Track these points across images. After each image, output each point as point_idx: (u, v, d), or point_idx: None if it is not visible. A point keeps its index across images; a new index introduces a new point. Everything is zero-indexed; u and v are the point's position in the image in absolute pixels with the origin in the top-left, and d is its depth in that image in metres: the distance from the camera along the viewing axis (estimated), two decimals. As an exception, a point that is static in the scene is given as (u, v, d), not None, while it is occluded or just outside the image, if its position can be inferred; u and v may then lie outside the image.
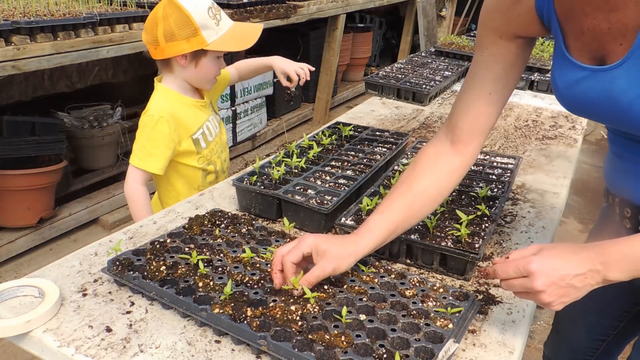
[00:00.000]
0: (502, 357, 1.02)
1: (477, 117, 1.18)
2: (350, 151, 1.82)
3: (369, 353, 0.94)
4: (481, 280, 1.26)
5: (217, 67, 1.83)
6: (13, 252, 3.14)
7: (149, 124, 1.73)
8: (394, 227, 1.16)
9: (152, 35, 1.71)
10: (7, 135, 3.11)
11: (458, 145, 1.19)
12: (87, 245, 1.35)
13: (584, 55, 1.02)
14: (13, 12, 2.74)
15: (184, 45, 1.69)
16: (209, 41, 1.70)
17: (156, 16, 1.69)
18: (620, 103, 0.97)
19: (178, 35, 1.67)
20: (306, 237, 1.11)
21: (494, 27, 1.12)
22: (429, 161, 1.21)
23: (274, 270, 1.09)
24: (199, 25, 1.67)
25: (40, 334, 1.03)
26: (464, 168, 1.22)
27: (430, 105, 2.64)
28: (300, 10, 4.56)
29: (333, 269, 1.09)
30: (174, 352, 0.99)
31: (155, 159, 1.73)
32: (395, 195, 1.19)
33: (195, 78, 1.82)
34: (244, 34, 1.82)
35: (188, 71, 1.78)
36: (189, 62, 1.75)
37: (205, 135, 1.88)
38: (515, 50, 1.13)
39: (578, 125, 2.41)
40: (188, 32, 1.67)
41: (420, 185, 1.18)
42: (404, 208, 1.17)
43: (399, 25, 7.43)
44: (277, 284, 1.08)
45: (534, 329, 2.73)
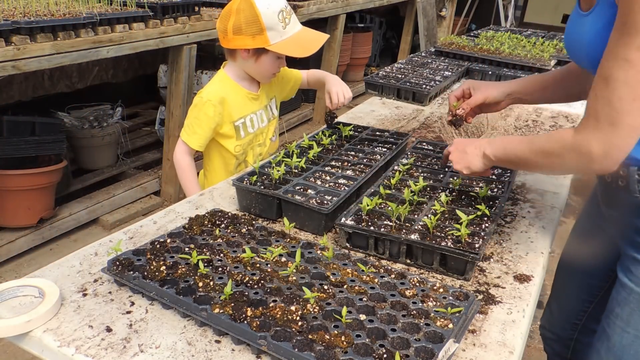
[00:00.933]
0: (502, 357, 1.02)
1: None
2: (350, 151, 1.82)
3: (369, 353, 0.94)
4: (481, 280, 1.26)
5: (276, 65, 1.95)
6: (13, 252, 3.13)
7: (198, 105, 1.91)
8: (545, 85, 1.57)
9: (223, 25, 1.85)
10: (7, 135, 3.10)
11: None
12: (87, 245, 1.35)
13: (585, 5, 1.24)
14: (13, 12, 2.74)
15: (248, 40, 1.82)
16: (272, 42, 1.82)
17: (231, 8, 1.82)
18: (582, 42, 1.22)
19: (245, 31, 1.80)
20: (467, 81, 1.66)
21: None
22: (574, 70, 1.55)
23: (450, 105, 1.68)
24: (266, 25, 1.79)
25: (40, 334, 1.03)
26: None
27: (430, 105, 2.64)
28: (300, 10, 4.56)
29: (484, 97, 1.61)
30: (174, 352, 0.99)
31: (197, 137, 1.93)
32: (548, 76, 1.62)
33: (254, 71, 1.96)
34: (307, 41, 1.92)
35: (248, 64, 1.92)
36: (250, 56, 1.89)
37: (246, 126, 2.00)
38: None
39: (578, 125, 2.41)
40: (254, 29, 1.79)
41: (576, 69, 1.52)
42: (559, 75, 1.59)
43: (399, 25, 7.43)
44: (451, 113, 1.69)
45: (534, 329, 2.73)
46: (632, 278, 1.28)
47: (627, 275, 1.29)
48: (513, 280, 1.26)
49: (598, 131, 1.09)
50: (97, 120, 3.95)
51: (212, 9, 4.10)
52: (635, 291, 1.27)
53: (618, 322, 1.31)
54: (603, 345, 1.36)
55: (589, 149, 1.11)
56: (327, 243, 1.30)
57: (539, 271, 1.31)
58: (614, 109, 1.06)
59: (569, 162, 1.18)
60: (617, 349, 1.32)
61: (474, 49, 3.29)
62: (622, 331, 1.30)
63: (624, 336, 1.30)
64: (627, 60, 1.02)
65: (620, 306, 1.31)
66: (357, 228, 1.32)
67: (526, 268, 1.31)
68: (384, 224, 1.34)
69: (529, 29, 4.32)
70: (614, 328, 1.32)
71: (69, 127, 3.77)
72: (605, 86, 1.07)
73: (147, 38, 3.21)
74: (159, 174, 4.01)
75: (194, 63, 3.63)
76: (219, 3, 4.19)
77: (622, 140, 1.08)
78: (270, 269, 1.17)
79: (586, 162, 1.13)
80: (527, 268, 1.31)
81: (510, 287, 1.24)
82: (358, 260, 1.22)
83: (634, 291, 1.27)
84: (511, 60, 3.05)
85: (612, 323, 1.33)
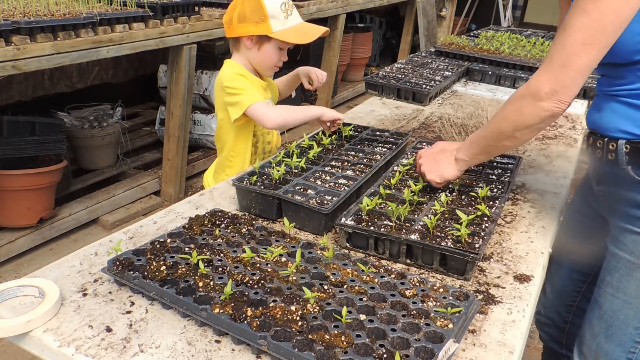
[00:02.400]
0: (502, 357, 1.02)
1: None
2: (350, 151, 1.82)
3: (369, 353, 0.94)
4: (481, 280, 1.26)
5: (277, 56, 1.99)
6: (13, 252, 3.14)
7: (234, 77, 1.92)
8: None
9: (229, 15, 1.94)
10: (7, 135, 3.10)
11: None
12: (87, 245, 1.35)
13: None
14: (13, 12, 2.74)
15: (252, 28, 1.90)
16: (274, 30, 1.89)
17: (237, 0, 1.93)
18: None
19: (249, 19, 1.88)
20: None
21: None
22: None
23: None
24: (268, 13, 1.87)
25: (40, 334, 1.03)
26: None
27: (430, 105, 2.64)
28: (300, 10, 4.56)
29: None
30: (174, 352, 0.99)
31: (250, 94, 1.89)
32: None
33: (257, 61, 2.00)
34: (307, 31, 1.99)
35: (252, 53, 1.97)
36: (254, 45, 1.95)
37: None
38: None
39: (578, 125, 2.41)
40: (258, 17, 1.88)
41: None
42: None
43: (399, 25, 7.43)
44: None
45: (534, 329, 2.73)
46: (621, 246, 1.33)
47: (616, 245, 1.35)
48: (513, 280, 1.26)
49: (549, 72, 1.22)
50: (97, 120, 3.95)
51: (212, 9, 4.10)
52: (624, 258, 1.32)
53: (608, 289, 1.36)
54: (595, 314, 1.41)
55: (538, 88, 1.24)
56: (327, 243, 1.30)
57: (539, 271, 1.31)
58: (565, 52, 1.19)
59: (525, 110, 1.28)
60: (607, 316, 1.37)
61: (474, 49, 3.29)
62: (612, 297, 1.35)
63: (614, 302, 1.35)
64: (584, 10, 1.15)
65: (611, 274, 1.36)
66: (357, 228, 1.32)
67: (526, 268, 1.31)
68: (384, 224, 1.34)
69: (529, 29, 4.32)
70: (604, 295, 1.37)
71: (69, 127, 3.77)
72: (563, 32, 1.20)
73: (147, 38, 3.21)
74: (159, 174, 4.01)
75: (194, 63, 3.63)
76: (218, 3, 4.19)
77: (570, 81, 1.20)
78: (270, 269, 1.17)
79: (537, 103, 1.24)
80: (527, 268, 1.31)
81: (510, 287, 1.24)
82: (358, 260, 1.22)
83: (623, 258, 1.33)
84: (511, 60, 3.05)
85: (602, 292, 1.38)
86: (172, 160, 3.85)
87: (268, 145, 2.16)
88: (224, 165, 2.08)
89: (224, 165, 2.08)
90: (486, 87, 2.95)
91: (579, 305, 1.71)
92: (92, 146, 3.91)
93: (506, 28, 5.05)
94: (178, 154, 3.80)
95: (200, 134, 4.34)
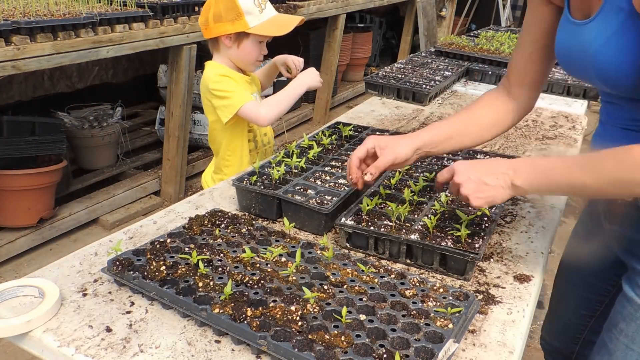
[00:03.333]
0: (502, 357, 1.02)
1: (524, 74, 1.37)
2: (350, 151, 1.81)
3: (369, 353, 0.94)
4: (481, 280, 1.26)
5: (257, 51, 2.01)
6: (13, 252, 3.13)
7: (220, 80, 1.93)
8: (448, 135, 1.38)
9: (204, 17, 1.95)
10: (7, 135, 3.10)
11: (513, 94, 1.40)
12: (87, 245, 1.35)
13: (579, 13, 1.16)
14: (13, 12, 2.74)
15: (229, 26, 1.91)
16: (251, 25, 1.91)
17: (210, 0, 1.94)
18: (588, 52, 1.10)
19: (224, 17, 1.90)
20: (370, 138, 1.36)
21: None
22: (488, 100, 1.43)
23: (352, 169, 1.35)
24: (243, 10, 1.89)
25: (40, 334, 1.03)
26: (518, 112, 1.42)
27: (430, 105, 2.64)
28: (300, 10, 4.56)
29: (394, 157, 1.32)
30: (174, 352, 0.99)
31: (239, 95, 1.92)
32: (455, 115, 1.43)
33: (238, 58, 2.02)
34: (282, 22, 2.01)
35: (232, 51, 1.99)
36: (233, 43, 1.97)
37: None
38: (549, 17, 1.27)
39: (578, 125, 2.41)
40: (233, 15, 1.90)
41: (478, 112, 1.41)
42: (461, 124, 1.40)
43: (399, 25, 7.43)
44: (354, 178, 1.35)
45: (534, 329, 2.73)
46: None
47: (634, 291, 1.21)
48: (513, 280, 1.26)
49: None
50: (97, 120, 3.95)
51: (212, 9, 4.09)
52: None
53: (622, 338, 1.23)
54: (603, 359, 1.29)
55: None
56: (327, 243, 1.30)
57: (539, 271, 1.31)
58: None
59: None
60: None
61: (474, 49, 3.29)
62: (627, 348, 1.22)
63: (628, 353, 1.22)
64: None
65: (626, 322, 1.22)
66: (357, 228, 1.32)
67: (526, 268, 1.31)
68: (384, 224, 1.34)
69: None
70: (617, 344, 1.24)
71: (69, 127, 3.77)
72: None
73: (147, 38, 3.21)
74: (159, 174, 4.01)
75: (194, 63, 3.63)
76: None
77: None
78: (270, 269, 1.17)
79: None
80: (527, 268, 1.31)
81: (510, 287, 1.24)
82: (358, 260, 1.22)
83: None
84: (511, 60, 3.04)
85: (614, 338, 1.25)
86: (172, 160, 3.85)
87: (265, 137, 2.18)
88: (222, 165, 2.09)
89: (222, 165, 2.09)
90: (486, 87, 2.95)
91: (587, 337, 1.59)
92: (92, 146, 3.91)
93: (506, 28, 5.06)
94: (178, 154, 3.81)
95: (200, 134, 4.34)
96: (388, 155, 1.32)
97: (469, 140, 1.41)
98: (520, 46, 1.37)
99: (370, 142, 1.35)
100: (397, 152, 1.32)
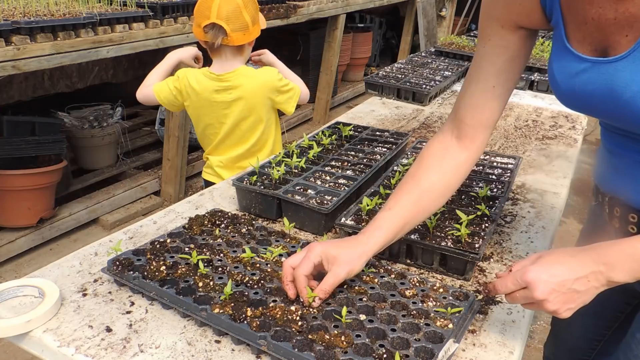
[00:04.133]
0: (502, 357, 1.02)
1: (482, 111, 1.16)
2: (350, 151, 1.82)
3: (369, 353, 0.94)
4: (481, 280, 1.26)
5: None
6: (13, 252, 3.14)
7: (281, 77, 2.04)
8: (402, 223, 1.14)
9: (240, 22, 1.91)
10: (7, 135, 3.11)
11: (464, 140, 1.18)
12: (87, 245, 1.35)
13: (585, 46, 0.99)
14: (13, 12, 2.74)
15: (258, 27, 1.96)
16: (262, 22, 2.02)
17: (238, 4, 1.89)
18: (621, 97, 0.94)
19: (256, 18, 1.94)
20: (314, 247, 1.08)
21: (497, 17, 1.09)
22: (435, 156, 1.19)
23: (286, 282, 1.07)
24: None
25: (40, 334, 1.03)
26: (470, 163, 1.21)
27: (430, 105, 2.64)
28: (300, 10, 4.56)
29: (347, 273, 1.07)
30: (174, 352, 0.99)
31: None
32: (403, 192, 1.17)
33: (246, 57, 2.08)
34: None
35: (248, 50, 2.04)
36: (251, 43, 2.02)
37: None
38: (517, 42, 1.10)
39: (578, 125, 2.41)
40: (258, 15, 1.96)
41: (427, 181, 1.17)
42: (413, 204, 1.15)
43: (399, 25, 7.43)
44: (291, 295, 1.06)
45: (534, 329, 2.73)
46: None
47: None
48: (513, 280, 1.26)
49: None
50: (97, 120, 3.95)
51: (212, 9, 4.09)
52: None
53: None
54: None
55: None
56: (327, 243, 1.30)
57: (539, 271, 1.31)
58: None
59: None
60: None
61: (474, 49, 3.29)
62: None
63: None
64: None
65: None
66: (357, 228, 1.32)
67: (526, 268, 1.31)
68: (384, 224, 1.34)
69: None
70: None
71: (69, 127, 3.77)
72: None
73: (147, 38, 3.21)
74: (159, 174, 4.01)
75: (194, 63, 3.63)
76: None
77: None
78: (270, 269, 1.17)
79: None
80: (527, 268, 1.31)
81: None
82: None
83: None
84: (511, 60, 3.04)
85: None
86: (172, 160, 3.84)
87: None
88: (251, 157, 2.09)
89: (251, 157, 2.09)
90: (486, 87, 2.94)
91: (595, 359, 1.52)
92: (92, 146, 3.91)
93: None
94: (178, 154, 3.81)
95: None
96: (340, 272, 1.06)
97: (424, 217, 1.20)
98: (477, 80, 1.15)
99: (315, 253, 1.07)
100: (352, 267, 1.08)
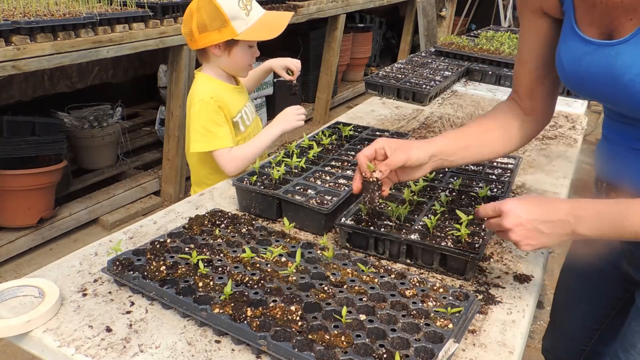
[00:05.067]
0: (502, 357, 1.02)
1: (532, 88, 1.27)
2: (350, 151, 1.82)
3: (369, 353, 0.94)
4: (481, 280, 1.26)
5: (249, 55, 1.91)
6: (13, 252, 3.13)
7: (203, 107, 1.80)
8: (466, 144, 1.28)
9: (187, 28, 1.81)
10: (7, 135, 3.10)
11: (525, 108, 1.30)
12: (87, 245, 1.35)
13: (593, 29, 1.02)
14: (13, 12, 2.74)
15: (215, 35, 1.78)
16: (239, 31, 1.78)
17: (191, 9, 1.79)
18: (621, 79, 0.95)
19: (210, 27, 1.76)
20: (379, 139, 1.24)
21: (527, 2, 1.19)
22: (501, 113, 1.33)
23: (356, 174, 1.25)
24: (228, 16, 1.75)
25: (40, 334, 1.03)
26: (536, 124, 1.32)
27: (430, 105, 2.64)
28: (300, 10, 4.56)
29: (405, 159, 1.20)
30: (174, 352, 0.99)
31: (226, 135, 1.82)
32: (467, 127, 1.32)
33: (230, 66, 1.92)
34: (273, 22, 1.88)
35: (222, 60, 1.87)
36: (222, 52, 1.85)
37: (244, 119, 1.98)
38: (546, 29, 1.18)
39: (578, 125, 2.41)
40: (219, 23, 1.76)
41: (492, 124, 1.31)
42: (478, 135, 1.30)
43: (399, 25, 7.43)
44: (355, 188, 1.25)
45: (534, 329, 2.73)
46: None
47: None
48: (513, 280, 1.26)
49: None
50: (97, 120, 3.95)
51: (212, 9, 4.09)
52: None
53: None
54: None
55: None
56: (327, 243, 1.30)
57: (539, 271, 1.31)
58: None
59: None
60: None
61: (474, 49, 3.29)
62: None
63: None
64: None
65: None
66: (357, 228, 1.32)
67: (526, 268, 1.31)
68: (384, 224, 1.34)
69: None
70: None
71: (69, 127, 3.77)
72: None
73: (147, 38, 3.21)
74: (158, 174, 4.01)
75: (194, 63, 3.63)
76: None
77: None
78: (270, 269, 1.17)
79: None
80: (527, 268, 1.31)
81: (510, 287, 1.24)
82: (358, 260, 1.22)
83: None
84: (511, 60, 3.04)
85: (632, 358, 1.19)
86: (172, 160, 3.84)
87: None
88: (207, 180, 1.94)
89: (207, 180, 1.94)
90: (486, 87, 2.95)
91: (593, 348, 1.54)
92: (92, 146, 3.91)
93: (506, 28, 5.06)
94: (178, 154, 3.80)
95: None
96: (400, 155, 1.20)
97: (488, 153, 1.31)
98: (522, 62, 1.27)
99: (380, 142, 1.23)
100: (410, 155, 1.20)
